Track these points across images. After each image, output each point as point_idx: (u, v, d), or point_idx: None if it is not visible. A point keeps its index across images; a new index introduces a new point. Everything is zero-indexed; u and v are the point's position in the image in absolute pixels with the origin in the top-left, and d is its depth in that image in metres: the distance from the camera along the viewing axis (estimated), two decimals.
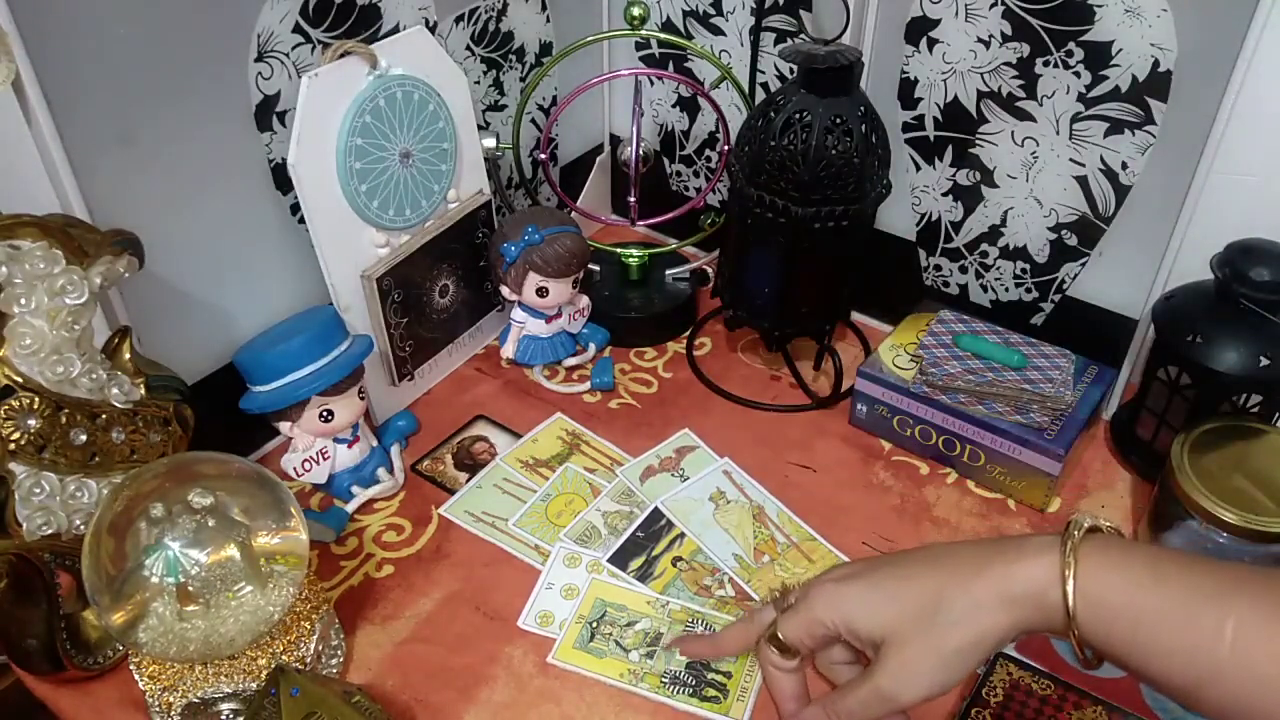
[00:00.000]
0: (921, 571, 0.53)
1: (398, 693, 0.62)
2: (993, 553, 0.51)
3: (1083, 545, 0.49)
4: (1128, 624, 0.48)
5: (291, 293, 0.77)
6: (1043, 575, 0.49)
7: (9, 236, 0.53)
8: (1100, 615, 0.48)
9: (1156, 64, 0.70)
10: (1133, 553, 0.49)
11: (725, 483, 0.76)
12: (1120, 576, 0.48)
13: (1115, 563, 0.49)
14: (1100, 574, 0.49)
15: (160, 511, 0.54)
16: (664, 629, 0.65)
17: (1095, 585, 0.48)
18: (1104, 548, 0.49)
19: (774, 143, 0.71)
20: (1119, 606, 0.48)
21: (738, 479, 0.76)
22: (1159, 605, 0.47)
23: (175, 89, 0.65)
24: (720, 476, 0.77)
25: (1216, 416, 0.70)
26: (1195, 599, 0.47)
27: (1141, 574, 0.48)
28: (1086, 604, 0.48)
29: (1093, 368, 0.78)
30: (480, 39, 0.87)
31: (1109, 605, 0.48)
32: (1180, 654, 0.46)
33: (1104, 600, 0.48)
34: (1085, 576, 0.48)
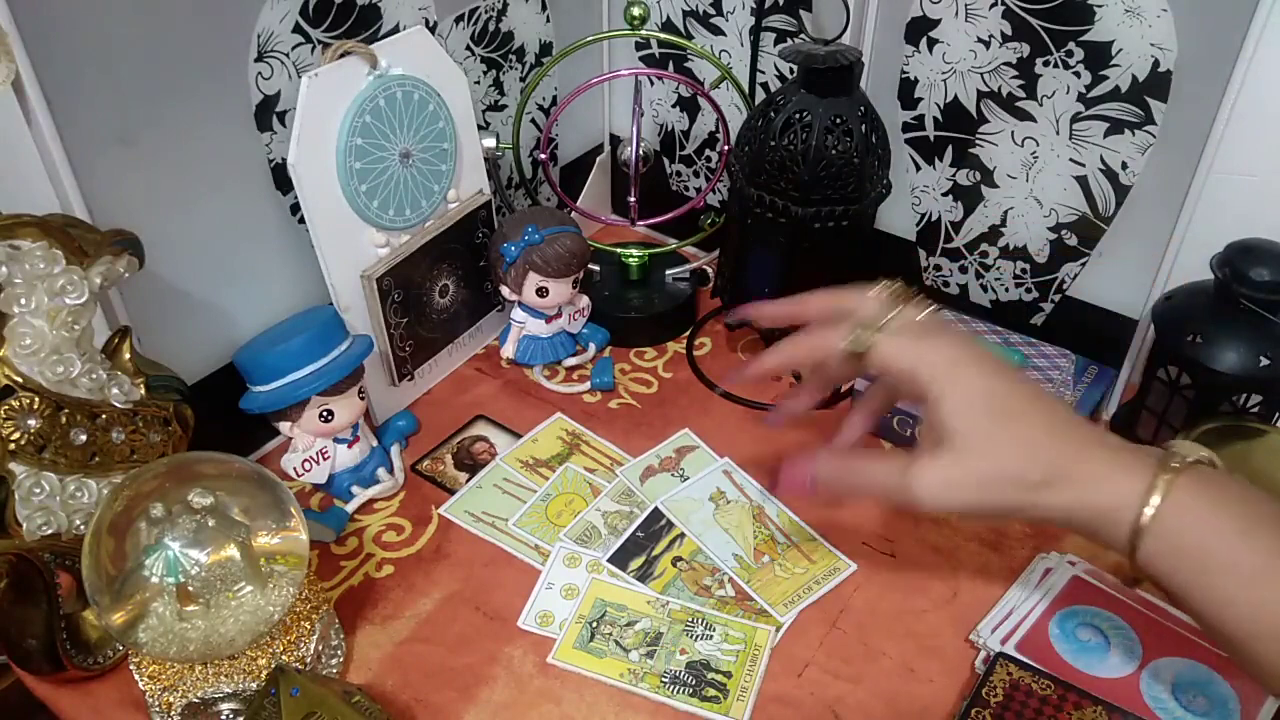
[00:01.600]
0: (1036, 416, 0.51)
1: (398, 693, 0.62)
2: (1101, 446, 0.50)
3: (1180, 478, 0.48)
4: (1199, 564, 0.47)
5: (291, 293, 0.77)
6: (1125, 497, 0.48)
7: (9, 236, 0.53)
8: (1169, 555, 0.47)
9: (1156, 64, 0.70)
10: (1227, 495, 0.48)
11: (725, 483, 0.76)
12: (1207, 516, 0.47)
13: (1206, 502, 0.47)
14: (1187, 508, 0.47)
15: (160, 511, 0.54)
16: (664, 629, 0.65)
17: (1175, 527, 0.47)
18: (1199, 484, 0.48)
19: (774, 143, 0.71)
20: (1195, 545, 0.47)
21: (738, 479, 0.76)
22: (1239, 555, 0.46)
23: (175, 89, 0.65)
24: (720, 476, 0.77)
25: (1216, 416, 0.70)
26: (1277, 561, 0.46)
27: (1230, 519, 0.47)
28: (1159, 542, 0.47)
29: (1093, 368, 0.78)
30: (480, 39, 0.87)
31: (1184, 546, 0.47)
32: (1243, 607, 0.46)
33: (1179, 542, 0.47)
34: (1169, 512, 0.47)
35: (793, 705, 0.61)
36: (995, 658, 0.61)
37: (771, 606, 0.67)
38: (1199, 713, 0.59)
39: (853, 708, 0.61)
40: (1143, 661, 0.62)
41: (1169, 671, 0.61)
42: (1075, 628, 0.64)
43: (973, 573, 0.69)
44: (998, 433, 0.50)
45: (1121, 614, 0.64)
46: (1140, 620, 0.64)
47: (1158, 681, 0.60)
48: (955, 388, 0.51)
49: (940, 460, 0.51)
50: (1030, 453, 0.50)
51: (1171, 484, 0.47)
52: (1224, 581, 0.46)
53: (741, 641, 0.64)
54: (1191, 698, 0.59)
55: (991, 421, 0.51)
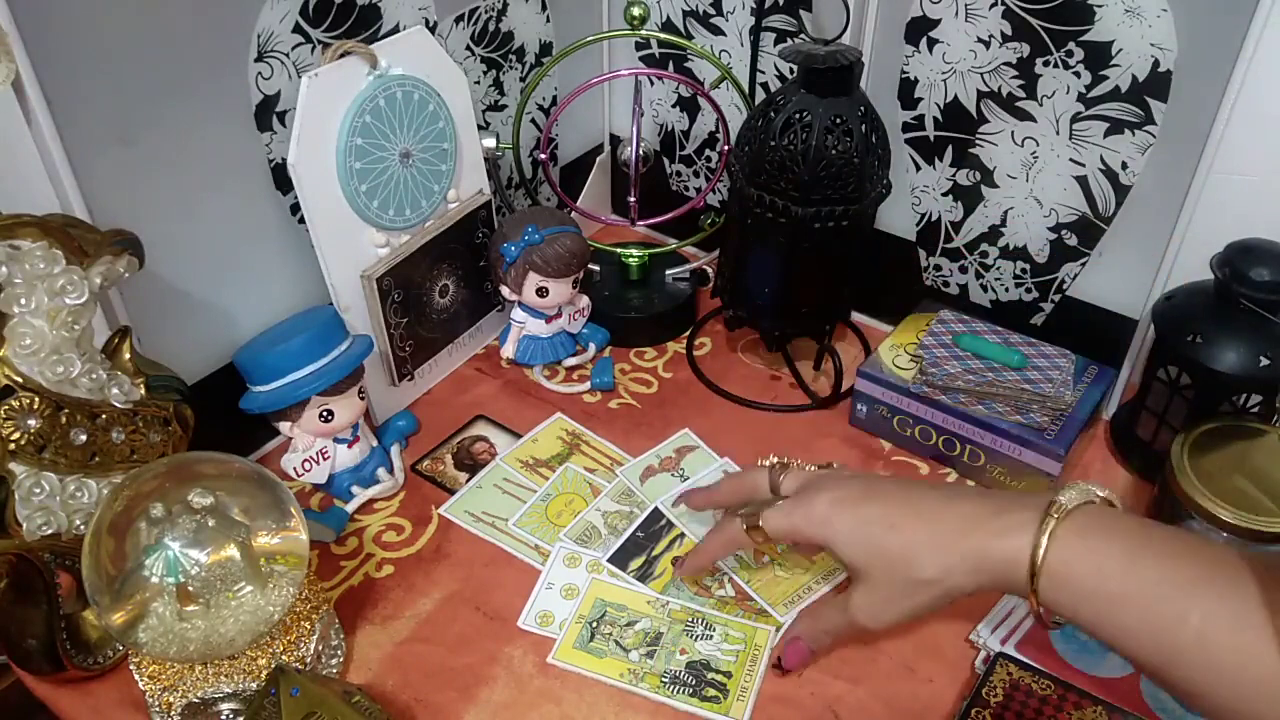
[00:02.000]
0: (908, 524, 0.56)
1: (398, 693, 0.62)
2: (977, 519, 0.55)
3: (1061, 527, 0.51)
4: (1095, 605, 0.50)
5: (291, 293, 0.77)
6: (1017, 552, 0.52)
7: (9, 236, 0.53)
8: (1067, 596, 0.51)
9: (1156, 64, 0.70)
10: (1110, 536, 0.51)
11: None
12: (1091, 559, 0.51)
13: (1092, 547, 0.51)
14: (1073, 557, 0.51)
15: (160, 511, 0.54)
16: (664, 629, 0.65)
17: (1064, 569, 0.51)
18: (1084, 530, 0.52)
19: (774, 143, 0.71)
20: (1087, 589, 0.50)
21: None
22: (1128, 590, 0.49)
23: (175, 89, 0.65)
24: (720, 476, 0.77)
25: (1216, 416, 0.70)
26: (1165, 587, 0.49)
27: (1116, 559, 0.50)
28: (1054, 585, 0.51)
29: (1093, 368, 0.78)
30: (480, 39, 0.87)
31: (1077, 587, 0.51)
32: (1146, 636, 0.49)
33: (1071, 582, 0.51)
34: (1055, 558, 0.51)
35: (793, 705, 0.61)
36: (995, 658, 0.61)
37: (771, 606, 0.67)
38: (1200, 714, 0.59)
39: (853, 708, 0.61)
40: None
41: None
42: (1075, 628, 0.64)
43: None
44: (884, 553, 0.57)
45: None
46: None
47: None
48: (837, 532, 0.58)
49: (860, 591, 0.58)
50: (918, 556, 0.55)
51: (1054, 531, 0.51)
52: (1121, 612, 0.49)
53: (741, 641, 0.64)
54: None
55: (874, 546, 0.57)
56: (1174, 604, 0.48)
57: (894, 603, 0.57)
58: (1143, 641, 0.49)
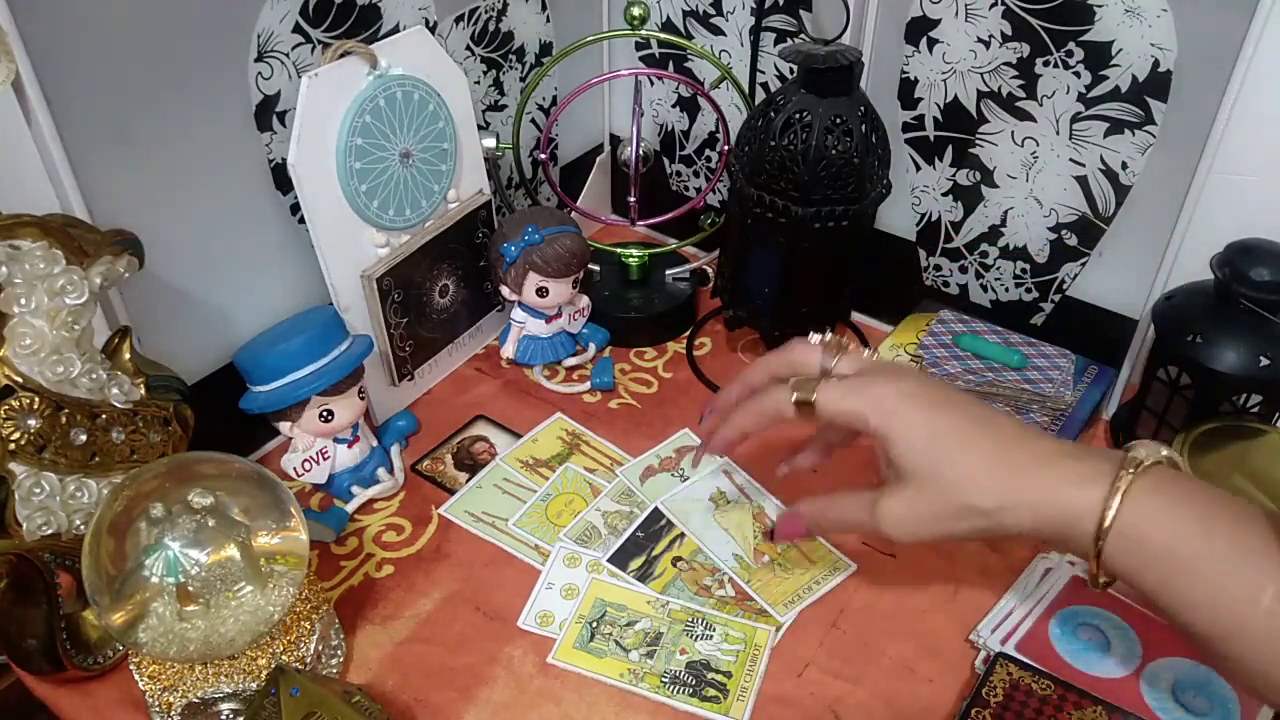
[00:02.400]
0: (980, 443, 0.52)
1: (398, 693, 0.62)
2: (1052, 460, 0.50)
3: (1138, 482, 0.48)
4: (1163, 567, 0.47)
5: (291, 293, 0.77)
6: (1085, 505, 0.48)
7: (9, 236, 0.53)
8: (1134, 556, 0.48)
9: (1156, 64, 0.70)
10: (1185, 497, 0.48)
11: (725, 483, 0.76)
12: (1166, 522, 0.47)
13: (1166, 504, 0.48)
14: (1146, 515, 0.48)
15: (160, 511, 0.54)
16: (664, 629, 0.65)
17: (1138, 526, 0.47)
18: (1155, 488, 0.48)
19: (774, 143, 0.71)
20: (1158, 550, 0.47)
21: (738, 479, 0.76)
22: (1200, 556, 0.46)
23: (175, 89, 0.65)
24: (720, 477, 0.77)
25: (1216, 416, 0.70)
26: (1239, 557, 0.46)
27: (1189, 523, 0.47)
28: (1123, 543, 0.48)
29: (1093, 368, 0.78)
30: (480, 39, 0.87)
31: (1148, 547, 0.47)
32: (1211, 606, 0.46)
33: (1144, 541, 0.47)
34: (1129, 515, 0.47)
35: (793, 705, 0.61)
36: (995, 658, 0.61)
37: (771, 606, 0.67)
38: (1199, 713, 0.59)
39: (853, 708, 0.61)
40: (1143, 661, 0.62)
41: (1169, 671, 0.61)
42: (1075, 628, 0.64)
43: (973, 573, 0.69)
44: (946, 467, 0.52)
45: (1121, 614, 0.64)
46: (1140, 620, 0.64)
47: (1158, 681, 0.60)
48: (900, 427, 0.53)
49: (899, 496, 0.53)
50: (981, 482, 0.51)
51: (1130, 487, 0.48)
52: (1188, 580, 0.47)
53: (741, 641, 0.64)
54: (1191, 698, 0.59)
55: (939, 456, 0.52)
56: (1248, 576, 0.45)
57: (934, 521, 0.52)
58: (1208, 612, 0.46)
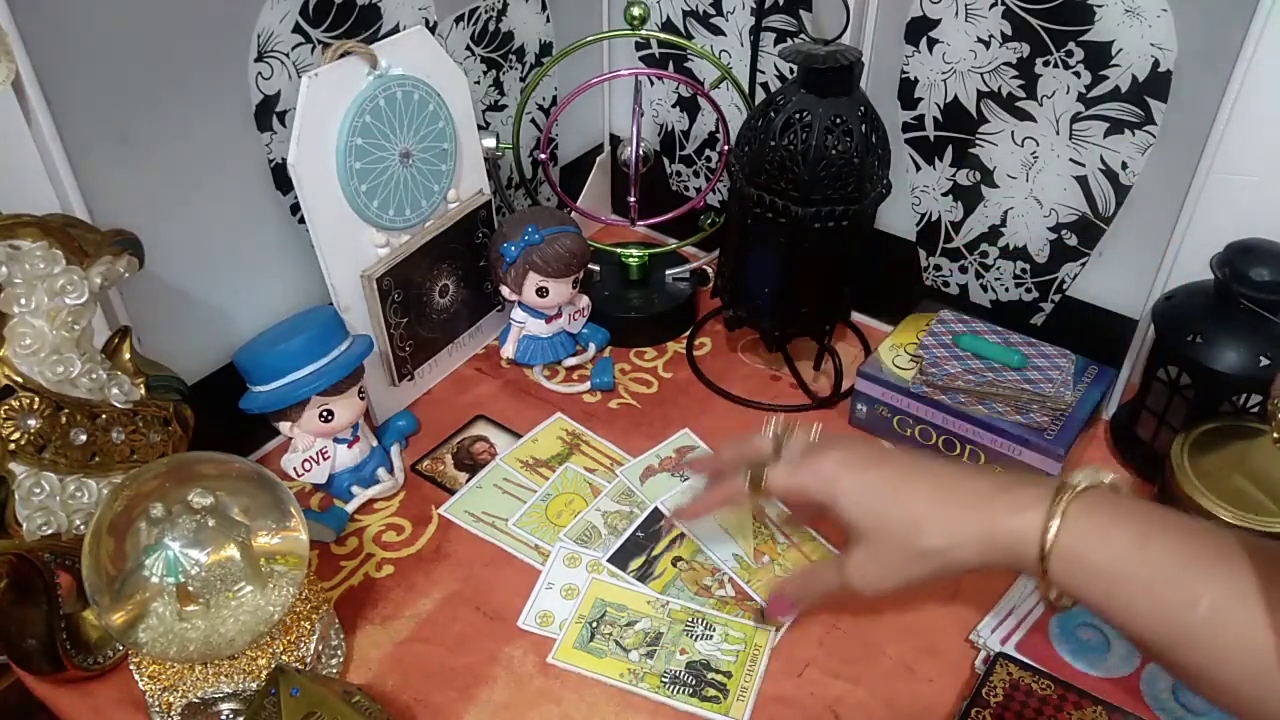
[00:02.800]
0: (917, 492, 0.55)
1: (398, 693, 0.62)
2: (988, 494, 0.54)
3: (1072, 506, 0.51)
4: (1105, 583, 0.50)
5: (291, 293, 0.77)
6: (1026, 530, 0.51)
7: (9, 236, 0.53)
8: (1078, 573, 0.50)
9: (1156, 64, 0.70)
10: (1121, 516, 0.51)
11: None
12: (1102, 541, 0.50)
13: (1101, 525, 0.50)
14: (1084, 535, 0.50)
15: (160, 511, 0.54)
16: (664, 629, 0.65)
17: (1076, 546, 0.50)
18: (1092, 509, 0.51)
19: (774, 143, 0.71)
20: (1098, 568, 0.50)
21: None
22: (1138, 571, 0.49)
23: (175, 89, 0.65)
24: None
25: (1216, 416, 0.70)
26: (1175, 568, 0.48)
27: (1125, 539, 0.50)
28: (1064, 562, 0.50)
29: (1093, 368, 0.78)
30: (480, 39, 0.87)
31: (1088, 565, 0.50)
32: (1153, 617, 0.48)
33: (1083, 560, 0.50)
34: (1067, 536, 0.50)
35: (793, 705, 0.61)
36: (995, 658, 0.61)
37: None
38: (1199, 713, 0.59)
39: (853, 708, 0.61)
40: (1143, 661, 0.62)
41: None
42: (1075, 628, 0.64)
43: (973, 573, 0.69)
44: (890, 518, 0.55)
45: None
46: None
47: (1158, 681, 0.60)
48: (841, 496, 0.56)
49: (859, 554, 0.56)
50: (925, 524, 0.54)
51: (1066, 510, 0.51)
52: (1129, 594, 0.49)
53: (741, 641, 0.64)
54: (1191, 698, 0.59)
55: (882, 514, 0.56)
56: (1185, 586, 0.47)
57: (893, 569, 0.55)
58: (1151, 622, 0.48)
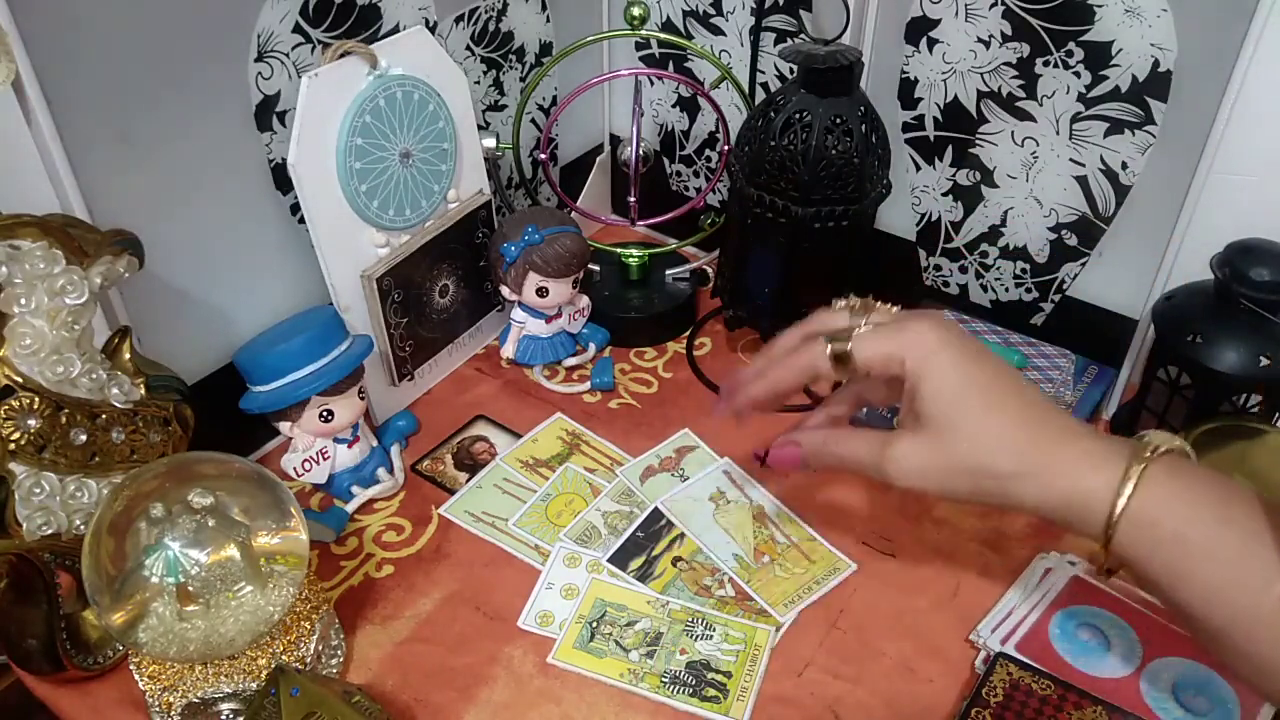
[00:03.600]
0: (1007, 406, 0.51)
1: (398, 693, 0.62)
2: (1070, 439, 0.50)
3: (1153, 465, 0.48)
4: (1176, 551, 0.47)
5: (291, 293, 0.77)
6: (1099, 488, 0.48)
7: (9, 236, 0.53)
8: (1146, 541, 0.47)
9: (1156, 64, 0.70)
10: (1201, 483, 0.48)
11: (725, 483, 0.76)
12: (1180, 507, 0.47)
13: (1181, 490, 0.48)
14: (1160, 500, 0.47)
15: (160, 511, 0.54)
16: (664, 629, 0.65)
17: (1152, 509, 0.47)
18: (1170, 474, 0.48)
19: (774, 143, 0.71)
20: (1172, 532, 0.47)
21: (738, 479, 0.76)
22: (1216, 542, 0.46)
23: (175, 89, 0.65)
24: (720, 477, 0.77)
25: (1216, 416, 0.70)
26: (1256, 545, 0.45)
27: (1206, 507, 0.47)
28: (1135, 528, 0.47)
29: (1093, 368, 0.78)
30: (480, 39, 0.87)
31: (1160, 532, 0.47)
32: (1222, 593, 0.46)
33: (1158, 523, 0.47)
34: (1143, 498, 0.47)
35: (793, 705, 0.61)
36: (995, 658, 0.61)
37: (771, 606, 0.67)
38: (1199, 713, 0.59)
39: (853, 708, 0.61)
40: (1143, 661, 0.62)
41: (1169, 671, 0.61)
42: (1075, 628, 0.64)
43: (973, 573, 0.69)
44: (970, 422, 0.51)
45: (1121, 614, 0.64)
46: (1140, 620, 0.64)
47: (1158, 681, 0.60)
48: (933, 373, 0.52)
49: (915, 443, 0.52)
50: (1001, 444, 0.51)
51: (1145, 472, 0.48)
52: (1201, 568, 0.46)
53: (741, 641, 0.64)
54: (1191, 698, 0.59)
55: (965, 410, 0.51)
56: (1260, 564, 0.45)
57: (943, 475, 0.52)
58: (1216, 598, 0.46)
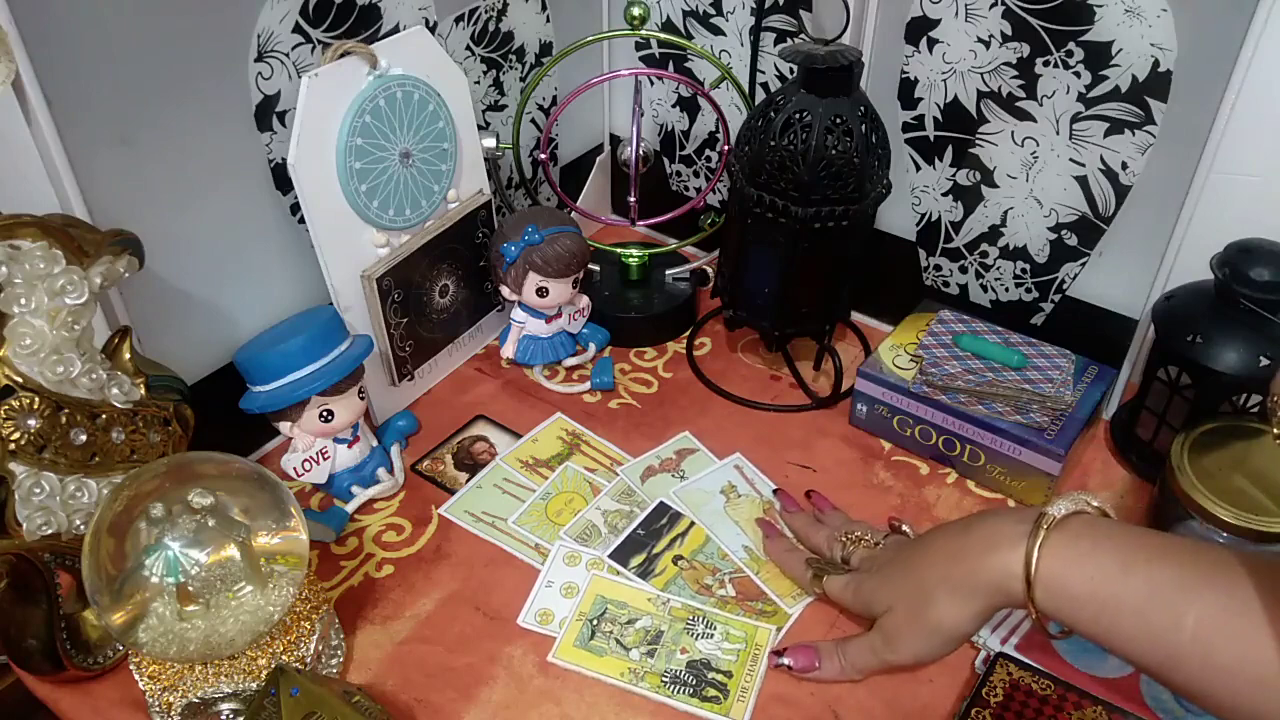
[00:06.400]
0: (918, 563, 0.59)
1: (398, 693, 0.62)
2: (970, 542, 0.57)
3: (1052, 536, 0.52)
4: (1092, 611, 0.51)
5: (291, 293, 0.77)
6: (1008, 567, 0.53)
7: (9, 236, 0.53)
8: (1064, 603, 0.52)
9: (1156, 64, 0.70)
10: (1103, 542, 0.52)
11: (736, 477, 0.77)
12: (1084, 569, 0.51)
13: (1083, 554, 0.52)
14: (1066, 564, 0.52)
15: (160, 511, 0.54)
16: (664, 627, 0.65)
17: (1059, 577, 0.52)
18: (1074, 538, 0.52)
19: (774, 143, 0.71)
20: (1083, 596, 0.51)
21: (748, 474, 0.77)
22: (1122, 596, 0.50)
23: (175, 89, 0.65)
24: (731, 471, 0.77)
25: (1216, 416, 0.70)
26: (1159, 592, 0.49)
27: (1108, 566, 0.51)
28: (1050, 594, 0.52)
29: (1093, 368, 0.78)
30: (480, 39, 0.87)
31: (1072, 595, 0.51)
32: (1143, 640, 0.49)
33: (1067, 591, 0.51)
34: (1049, 566, 0.52)
35: (793, 705, 0.61)
36: (995, 658, 0.61)
37: (780, 598, 0.67)
38: (1199, 713, 0.59)
39: (853, 708, 0.61)
40: None
41: None
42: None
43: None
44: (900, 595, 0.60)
45: None
46: None
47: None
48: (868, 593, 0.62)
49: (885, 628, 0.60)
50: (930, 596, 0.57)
51: (1046, 540, 0.52)
52: (1115, 619, 0.50)
53: (742, 641, 0.64)
54: None
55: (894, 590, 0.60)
56: (1170, 607, 0.48)
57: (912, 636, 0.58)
58: (1141, 645, 0.49)
